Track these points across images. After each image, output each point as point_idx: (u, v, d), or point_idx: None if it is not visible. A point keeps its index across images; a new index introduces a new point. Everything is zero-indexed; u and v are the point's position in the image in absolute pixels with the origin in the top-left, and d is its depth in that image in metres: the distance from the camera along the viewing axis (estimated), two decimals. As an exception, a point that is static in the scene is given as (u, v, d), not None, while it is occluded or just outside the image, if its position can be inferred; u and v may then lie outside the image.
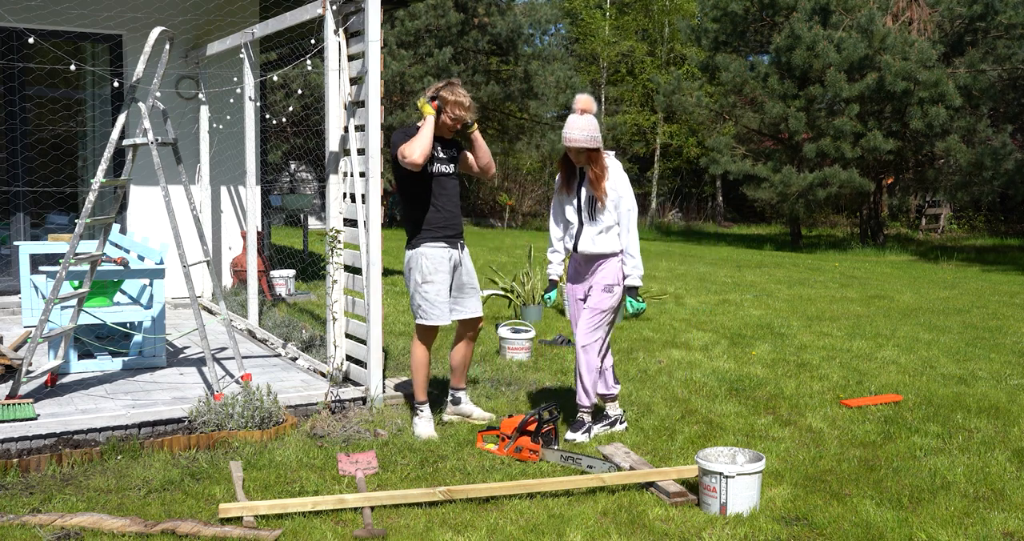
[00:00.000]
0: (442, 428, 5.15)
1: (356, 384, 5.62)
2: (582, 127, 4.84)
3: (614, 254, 5.00)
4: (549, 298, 5.37)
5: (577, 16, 32.71)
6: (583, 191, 4.99)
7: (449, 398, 5.38)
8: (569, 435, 5.02)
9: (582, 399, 5.06)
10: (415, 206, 5.03)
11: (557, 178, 5.15)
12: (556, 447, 4.71)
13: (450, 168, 5.11)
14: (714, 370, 6.79)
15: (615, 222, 4.98)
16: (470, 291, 5.19)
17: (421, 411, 5.14)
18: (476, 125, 5.18)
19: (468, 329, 5.26)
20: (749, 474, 3.94)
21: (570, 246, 5.09)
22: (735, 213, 30.75)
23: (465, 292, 5.17)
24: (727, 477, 3.91)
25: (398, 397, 5.63)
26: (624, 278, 5.02)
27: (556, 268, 5.22)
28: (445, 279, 5.03)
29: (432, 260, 5.00)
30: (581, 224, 5.01)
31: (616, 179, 4.98)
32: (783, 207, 20.53)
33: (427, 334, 5.14)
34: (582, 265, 5.10)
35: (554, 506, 4.00)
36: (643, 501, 4.08)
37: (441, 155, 5.07)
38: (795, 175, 19.15)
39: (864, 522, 3.89)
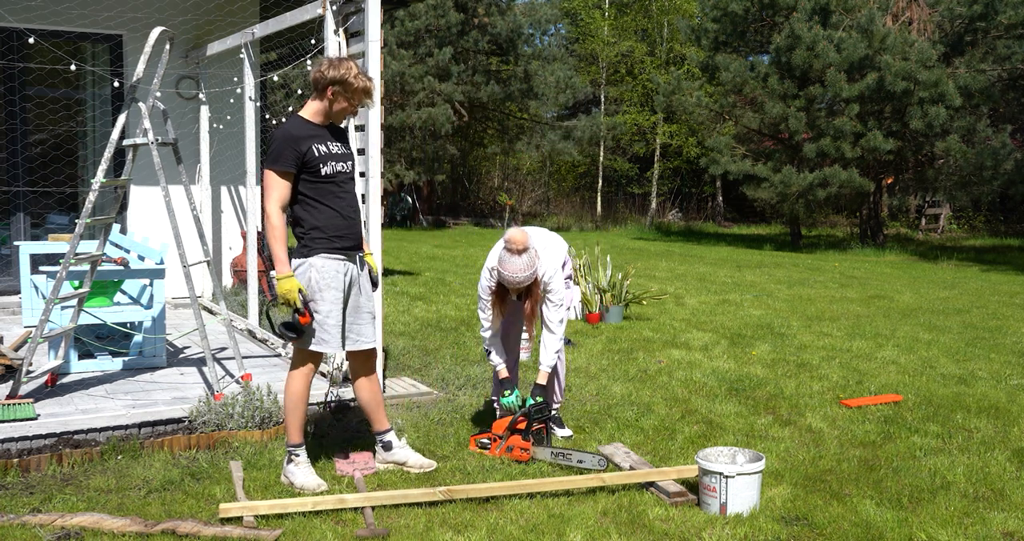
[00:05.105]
0: (441, 427, 5.14)
1: (356, 384, 5.61)
2: (522, 267, 4.61)
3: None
4: (511, 401, 4.85)
5: (577, 16, 32.70)
6: (521, 311, 5.01)
7: (379, 444, 4.50)
8: (559, 432, 5.09)
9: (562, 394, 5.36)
10: (307, 208, 4.19)
11: (490, 296, 4.82)
12: (548, 445, 4.71)
13: (347, 166, 4.28)
14: (714, 370, 6.79)
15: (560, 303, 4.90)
16: (366, 316, 4.38)
17: (296, 456, 4.25)
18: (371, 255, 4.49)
19: (361, 363, 4.44)
20: (749, 474, 3.94)
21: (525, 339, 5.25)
22: (735, 213, 30.73)
23: (361, 317, 4.36)
24: (727, 477, 3.91)
25: (398, 397, 5.64)
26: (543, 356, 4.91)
27: (500, 355, 4.94)
28: (337, 297, 4.21)
29: (323, 273, 4.19)
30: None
31: (547, 273, 4.80)
32: (783, 207, 20.53)
33: (308, 361, 4.29)
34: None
35: (554, 506, 4.00)
36: (643, 501, 4.08)
37: (335, 151, 4.22)
38: (795, 175, 19.14)
39: (864, 522, 3.89)
